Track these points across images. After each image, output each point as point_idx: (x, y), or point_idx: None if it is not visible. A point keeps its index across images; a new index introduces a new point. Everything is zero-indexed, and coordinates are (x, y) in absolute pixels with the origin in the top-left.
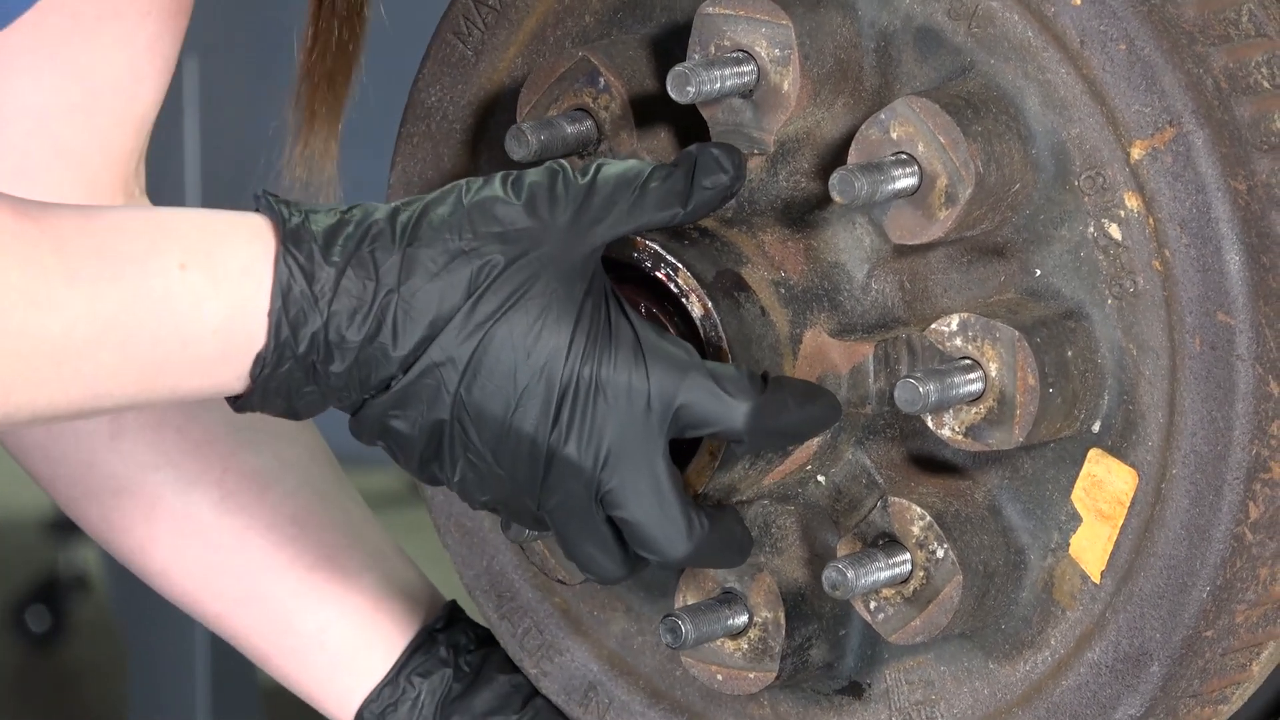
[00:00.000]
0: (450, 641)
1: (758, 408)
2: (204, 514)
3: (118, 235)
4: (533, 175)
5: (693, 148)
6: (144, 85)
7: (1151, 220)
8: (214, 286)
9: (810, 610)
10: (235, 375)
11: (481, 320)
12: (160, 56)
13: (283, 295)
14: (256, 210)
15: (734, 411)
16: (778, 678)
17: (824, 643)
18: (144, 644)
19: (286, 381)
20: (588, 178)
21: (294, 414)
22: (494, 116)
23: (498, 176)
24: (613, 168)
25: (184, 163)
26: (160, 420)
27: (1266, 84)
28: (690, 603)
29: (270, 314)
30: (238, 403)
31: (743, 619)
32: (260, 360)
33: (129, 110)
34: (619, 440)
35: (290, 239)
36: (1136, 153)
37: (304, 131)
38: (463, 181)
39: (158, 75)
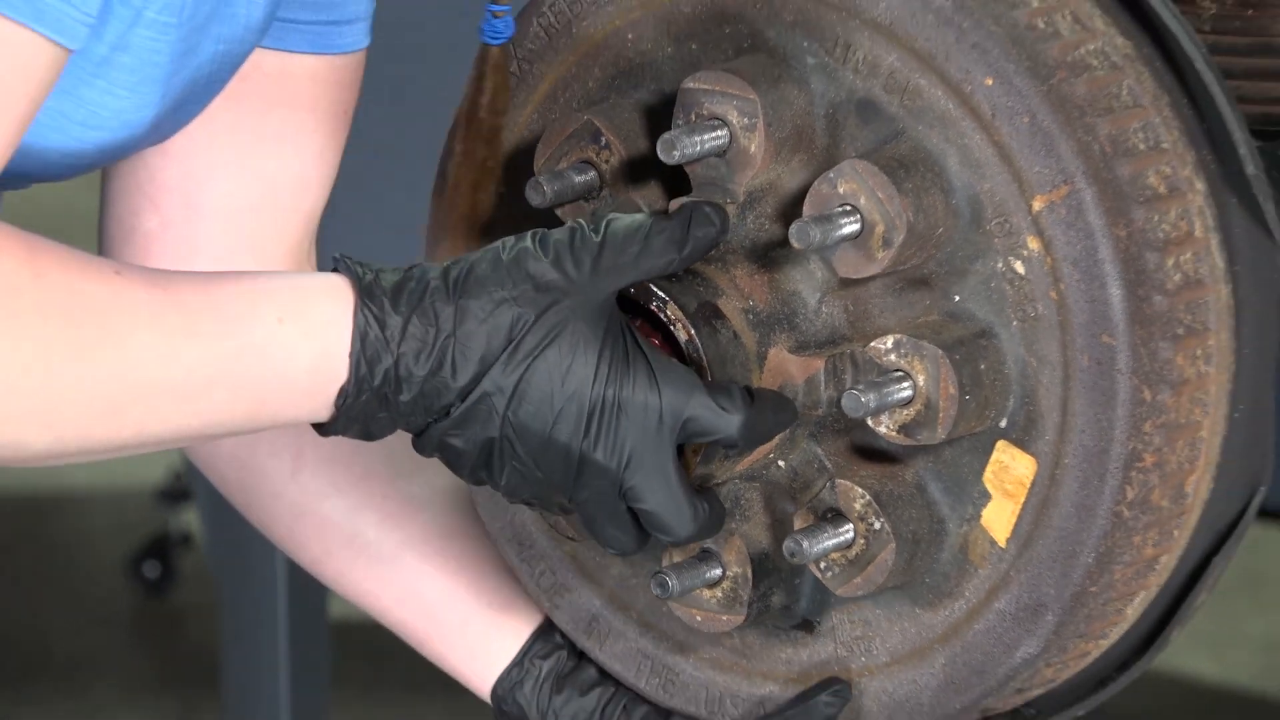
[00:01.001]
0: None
1: (748, 420)
2: (368, 532)
3: (228, 297)
4: (557, 235)
5: (686, 203)
6: (313, 186)
7: (1049, 259)
8: (305, 336)
9: (772, 566)
10: (323, 405)
11: (523, 357)
12: (327, 163)
13: (361, 340)
14: (335, 270)
15: (730, 423)
16: (745, 619)
17: (782, 591)
18: (234, 589)
19: (364, 410)
20: (600, 235)
21: (369, 436)
22: (511, 167)
23: (528, 235)
24: (620, 223)
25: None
26: (331, 457)
27: (1142, 146)
28: (675, 561)
29: (351, 355)
30: (324, 428)
31: (717, 573)
32: (343, 393)
33: (301, 206)
34: (638, 447)
35: (365, 294)
36: (1037, 205)
37: (450, 230)
38: (499, 242)
39: (324, 178)
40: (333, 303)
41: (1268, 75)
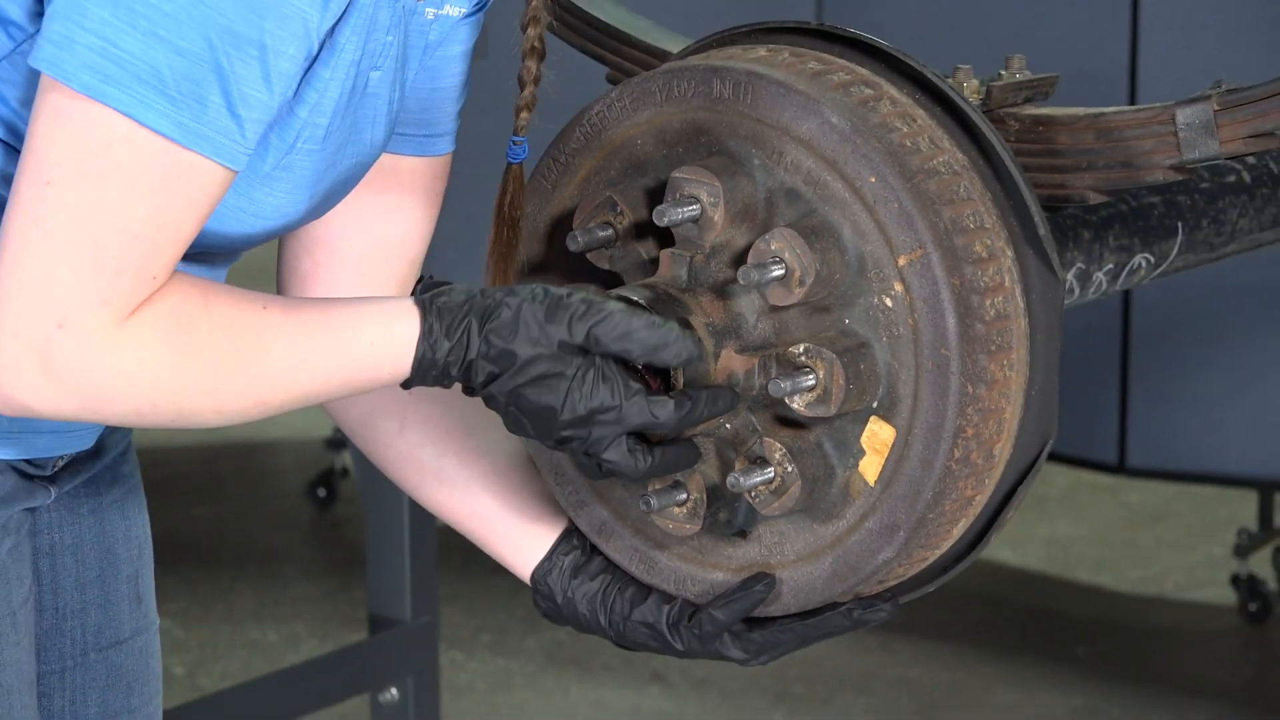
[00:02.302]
0: (581, 534)
1: (674, 420)
2: (449, 470)
3: (340, 323)
4: (569, 301)
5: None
6: (415, 242)
7: (908, 298)
8: (387, 354)
9: (720, 493)
10: (398, 384)
11: (519, 384)
12: (425, 227)
13: (420, 359)
14: (416, 293)
15: (661, 425)
16: (701, 528)
17: (726, 510)
18: (374, 505)
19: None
20: (600, 314)
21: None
22: (558, 224)
23: (542, 293)
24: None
25: None
26: (426, 418)
27: (972, 225)
28: (656, 489)
29: (413, 362)
30: (403, 385)
31: (684, 497)
32: (407, 383)
33: (406, 255)
34: (599, 438)
35: (426, 328)
36: (901, 261)
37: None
38: (526, 294)
39: (423, 237)
40: (407, 328)
41: (1054, 170)
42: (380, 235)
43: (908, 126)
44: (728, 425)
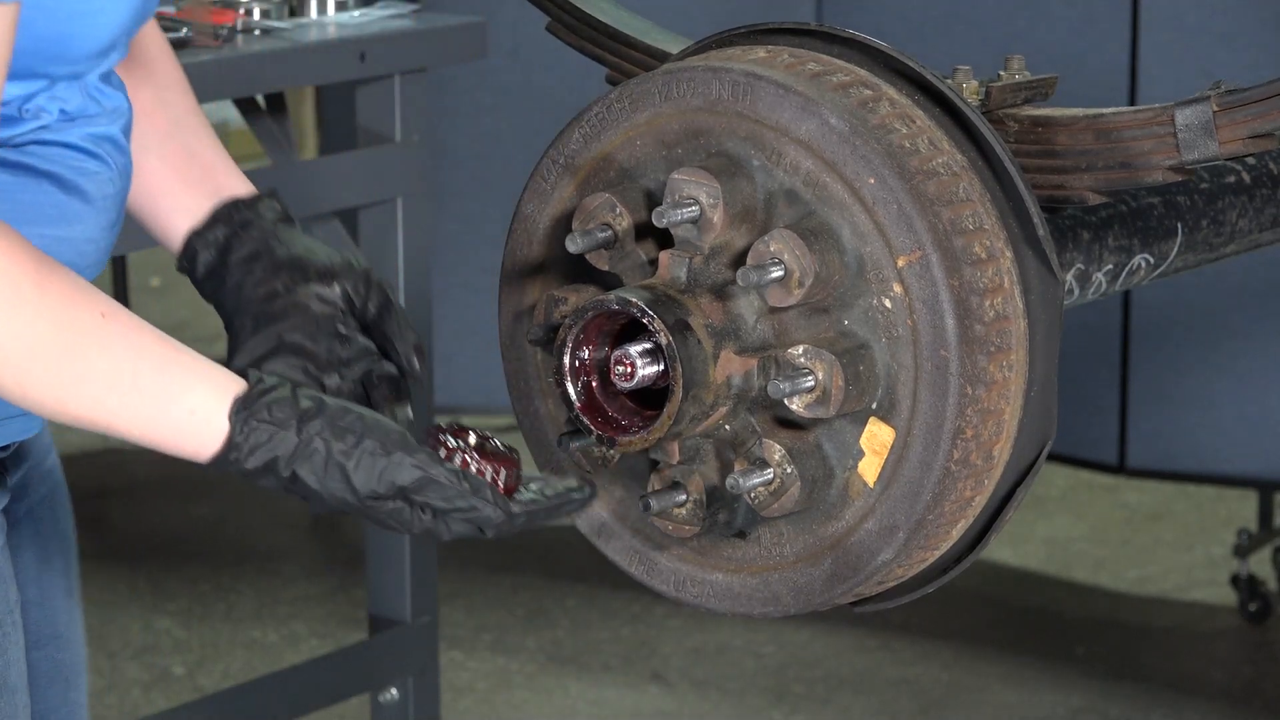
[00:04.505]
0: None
1: (500, 531)
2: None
3: (170, 379)
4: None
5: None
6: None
7: (908, 299)
8: (197, 433)
9: (719, 494)
10: (196, 458)
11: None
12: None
13: (219, 460)
14: (240, 382)
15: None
16: (701, 529)
17: (726, 511)
18: None
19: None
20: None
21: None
22: (558, 225)
23: (383, 447)
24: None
25: None
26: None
27: (971, 226)
28: (656, 489)
29: (214, 459)
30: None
31: (683, 498)
32: (206, 466)
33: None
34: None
35: (239, 422)
36: (900, 263)
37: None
38: (351, 440)
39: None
40: (222, 416)
41: (1053, 171)
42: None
43: (907, 128)
44: (727, 427)
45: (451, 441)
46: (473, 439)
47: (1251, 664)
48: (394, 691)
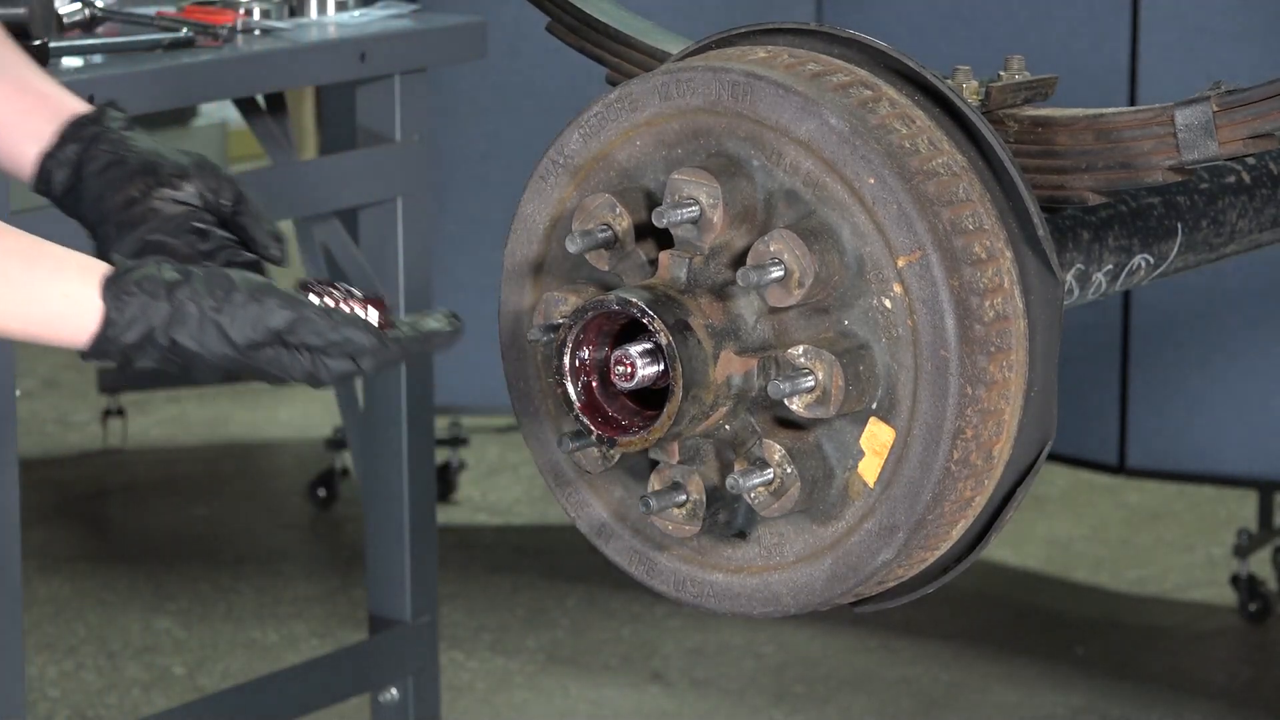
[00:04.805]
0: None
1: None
2: None
3: (39, 261)
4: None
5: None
6: None
7: (907, 299)
8: (73, 315)
9: (719, 494)
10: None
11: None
12: None
13: (98, 343)
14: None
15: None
16: (701, 529)
17: (726, 511)
18: (374, 505)
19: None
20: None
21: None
22: (558, 225)
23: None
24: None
25: None
26: None
27: (971, 226)
28: (656, 489)
29: (92, 342)
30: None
31: (683, 498)
32: (83, 356)
33: None
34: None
35: (115, 307)
36: (900, 263)
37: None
38: (217, 288)
39: None
40: (95, 295)
41: (1053, 171)
42: None
43: (907, 128)
44: (727, 427)
45: (321, 289)
46: (341, 287)
47: (1251, 664)
48: (394, 691)
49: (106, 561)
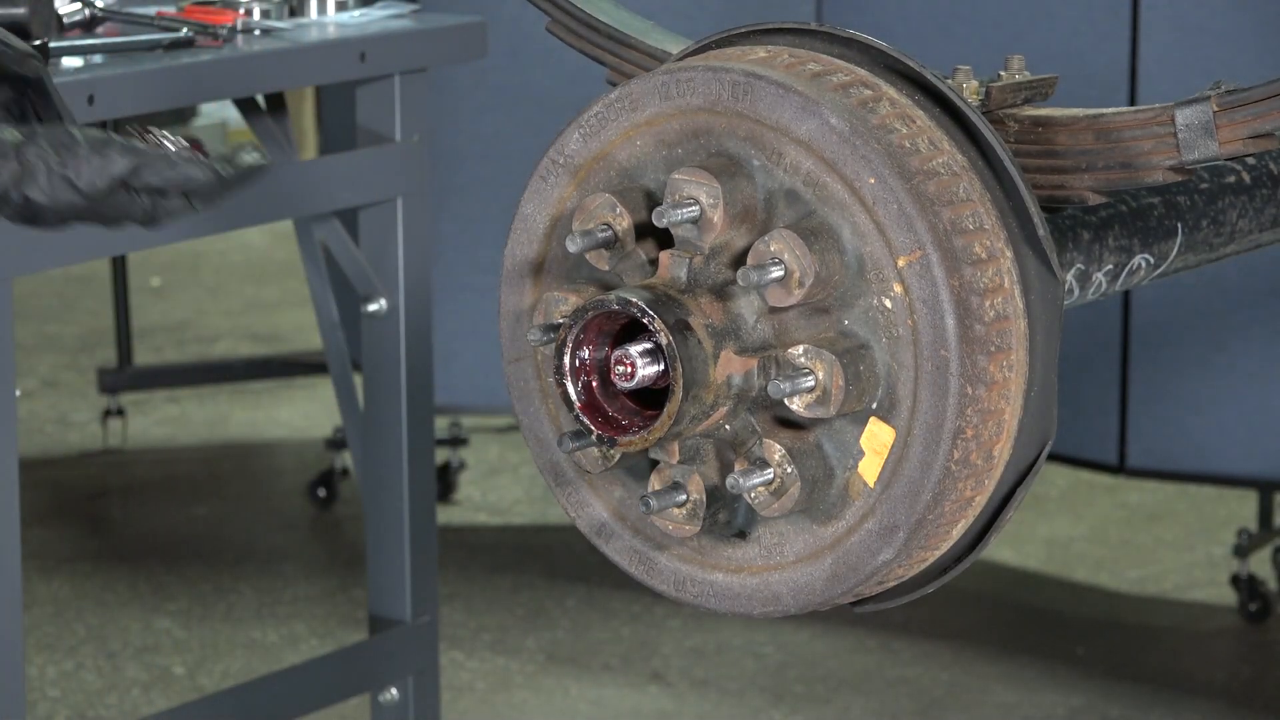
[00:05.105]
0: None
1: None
2: None
3: None
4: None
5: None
6: None
7: (908, 298)
8: None
9: (719, 494)
10: None
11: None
12: None
13: None
14: None
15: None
16: (701, 529)
17: (726, 511)
18: (374, 505)
19: None
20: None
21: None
22: (557, 225)
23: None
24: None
25: None
26: None
27: (971, 226)
28: (656, 488)
29: None
30: None
31: (683, 498)
32: None
33: None
34: None
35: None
36: (901, 263)
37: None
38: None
39: None
40: None
41: (1053, 171)
42: None
43: (907, 128)
44: (727, 427)
45: (148, 136)
46: (157, 132)
47: (1251, 664)
48: (394, 691)
49: (106, 561)
